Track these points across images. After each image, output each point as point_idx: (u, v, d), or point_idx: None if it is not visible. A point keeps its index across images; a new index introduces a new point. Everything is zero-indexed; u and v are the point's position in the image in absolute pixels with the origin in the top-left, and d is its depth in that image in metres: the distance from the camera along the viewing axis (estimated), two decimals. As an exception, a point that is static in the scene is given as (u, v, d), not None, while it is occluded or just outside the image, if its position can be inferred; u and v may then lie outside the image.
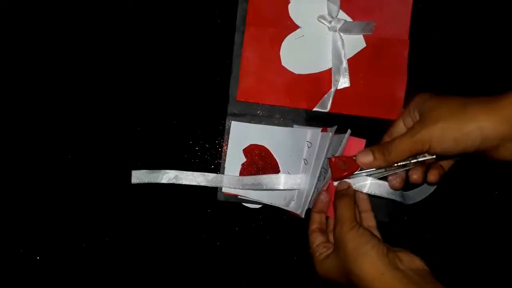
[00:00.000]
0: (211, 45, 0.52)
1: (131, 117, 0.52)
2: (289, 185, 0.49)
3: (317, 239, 0.44)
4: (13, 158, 0.52)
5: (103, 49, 0.52)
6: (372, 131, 0.50)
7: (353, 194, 0.44)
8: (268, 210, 0.52)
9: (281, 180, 0.49)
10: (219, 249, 0.52)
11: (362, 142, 0.49)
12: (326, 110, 0.50)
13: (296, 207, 0.49)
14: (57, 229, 0.52)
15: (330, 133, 0.46)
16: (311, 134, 0.49)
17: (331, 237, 0.44)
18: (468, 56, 0.52)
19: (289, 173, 0.50)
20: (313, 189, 0.47)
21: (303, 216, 0.47)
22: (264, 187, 0.49)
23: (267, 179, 0.49)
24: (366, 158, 0.42)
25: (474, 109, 0.36)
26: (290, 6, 0.51)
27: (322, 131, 0.48)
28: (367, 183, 0.45)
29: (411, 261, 0.37)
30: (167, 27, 0.52)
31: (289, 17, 0.51)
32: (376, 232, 0.44)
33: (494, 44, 0.52)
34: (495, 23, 0.52)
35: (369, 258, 0.37)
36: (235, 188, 0.50)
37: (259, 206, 0.51)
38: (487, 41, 0.52)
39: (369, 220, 0.46)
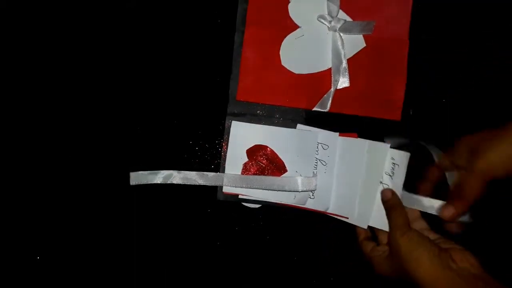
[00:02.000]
0: (211, 45, 0.52)
1: (131, 117, 0.52)
2: (308, 187, 0.49)
3: (369, 245, 0.48)
4: (13, 158, 0.52)
5: (103, 49, 0.52)
6: (372, 131, 0.51)
7: (401, 202, 0.47)
8: (268, 210, 0.52)
9: (299, 182, 0.49)
10: (219, 249, 0.52)
11: (354, 135, 0.51)
12: (326, 110, 0.50)
13: (320, 205, 0.50)
14: (57, 229, 0.52)
15: (388, 144, 0.50)
16: (323, 136, 0.50)
17: (382, 239, 0.48)
18: (468, 57, 0.52)
19: (296, 172, 0.50)
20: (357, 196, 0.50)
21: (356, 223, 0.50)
22: (285, 188, 0.49)
23: (282, 181, 0.49)
24: (450, 211, 0.44)
25: None
26: (290, 6, 0.51)
27: (340, 135, 0.50)
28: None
29: (464, 259, 0.39)
30: (167, 27, 0.52)
31: (289, 17, 0.51)
32: (429, 233, 0.46)
33: (494, 44, 0.52)
34: (495, 23, 0.52)
35: (421, 262, 0.39)
36: (236, 187, 0.50)
37: (259, 206, 0.52)
38: (487, 41, 0.52)
39: (420, 223, 0.47)
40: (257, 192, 0.50)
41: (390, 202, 0.47)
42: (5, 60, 0.52)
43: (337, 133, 0.50)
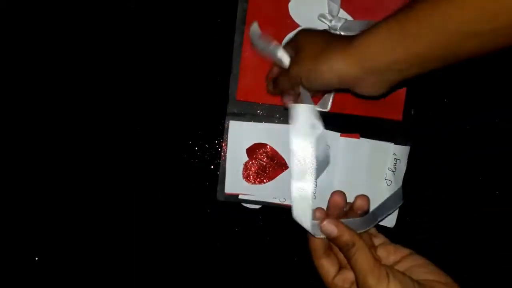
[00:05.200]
0: (211, 45, 0.52)
1: (131, 117, 0.52)
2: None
3: (330, 270, 0.37)
4: (13, 158, 0.52)
5: (103, 49, 0.52)
6: (373, 130, 0.50)
7: (360, 237, 0.35)
8: (268, 210, 0.52)
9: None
10: (219, 249, 0.52)
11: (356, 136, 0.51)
12: (327, 110, 0.50)
13: (322, 206, 0.49)
14: (57, 229, 0.52)
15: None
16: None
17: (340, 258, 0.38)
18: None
19: None
20: None
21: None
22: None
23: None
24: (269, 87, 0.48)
25: (332, 52, 0.39)
26: (290, 5, 0.51)
27: (342, 135, 0.50)
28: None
29: None
30: (167, 26, 0.52)
31: (289, 16, 0.51)
32: (390, 247, 0.38)
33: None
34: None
35: None
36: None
37: (259, 206, 0.51)
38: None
39: (379, 239, 0.40)
40: (258, 191, 0.50)
41: (343, 239, 0.35)
42: (5, 60, 0.52)
43: (338, 133, 0.50)
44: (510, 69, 0.51)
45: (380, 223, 0.51)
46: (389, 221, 0.51)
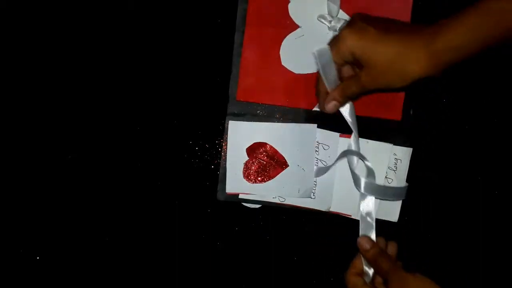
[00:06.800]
0: (211, 45, 0.52)
1: (131, 117, 0.52)
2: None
3: (359, 281, 0.46)
4: (13, 158, 0.52)
5: (103, 49, 0.52)
6: (372, 130, 0.50)
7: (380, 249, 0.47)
8: (268, 210, 0.52)
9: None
10: (219, 249, 0.52)
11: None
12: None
13: (322, 205, 0.51)
14: (57, 229, 0.52)
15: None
16: (323, 136, 0.51)
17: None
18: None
19: (298, 166, 0.50)
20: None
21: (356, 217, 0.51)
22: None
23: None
24: (331, 104, 0.45)
25: (411, 55, 0.40)
26: (290, 6, 0.51)
27: (341, 136, 0.50)
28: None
29: None
30: (167, 27, 0.52)
31: (289, 16, 0.51)
32: None
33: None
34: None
35: None
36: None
37: (259, 206, 0.52)
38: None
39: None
40: (259, 190, 0.50)
41: (373, 251, 0.46)
42: (5, 60, 0.52)
43: (338, 133, 0.51)
44: (510, 69, 0.52)
45: (384, 218, 0.51)
46: (393, 216, 0.52)
